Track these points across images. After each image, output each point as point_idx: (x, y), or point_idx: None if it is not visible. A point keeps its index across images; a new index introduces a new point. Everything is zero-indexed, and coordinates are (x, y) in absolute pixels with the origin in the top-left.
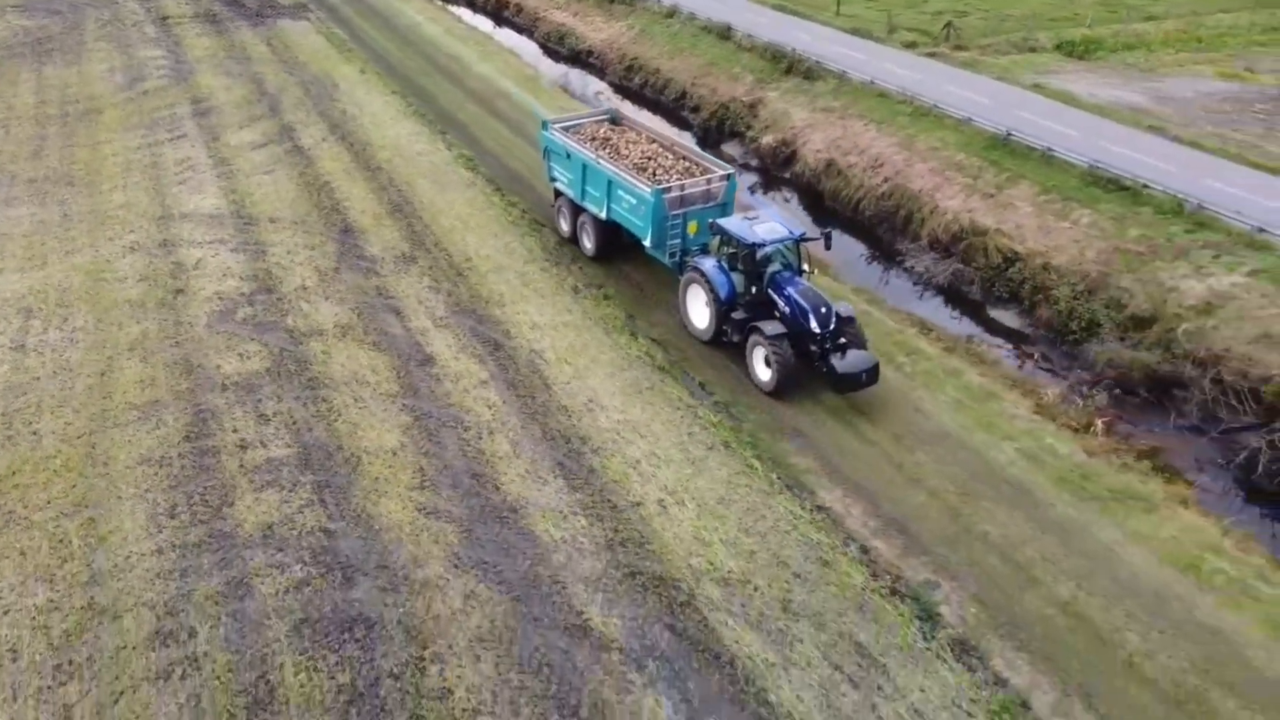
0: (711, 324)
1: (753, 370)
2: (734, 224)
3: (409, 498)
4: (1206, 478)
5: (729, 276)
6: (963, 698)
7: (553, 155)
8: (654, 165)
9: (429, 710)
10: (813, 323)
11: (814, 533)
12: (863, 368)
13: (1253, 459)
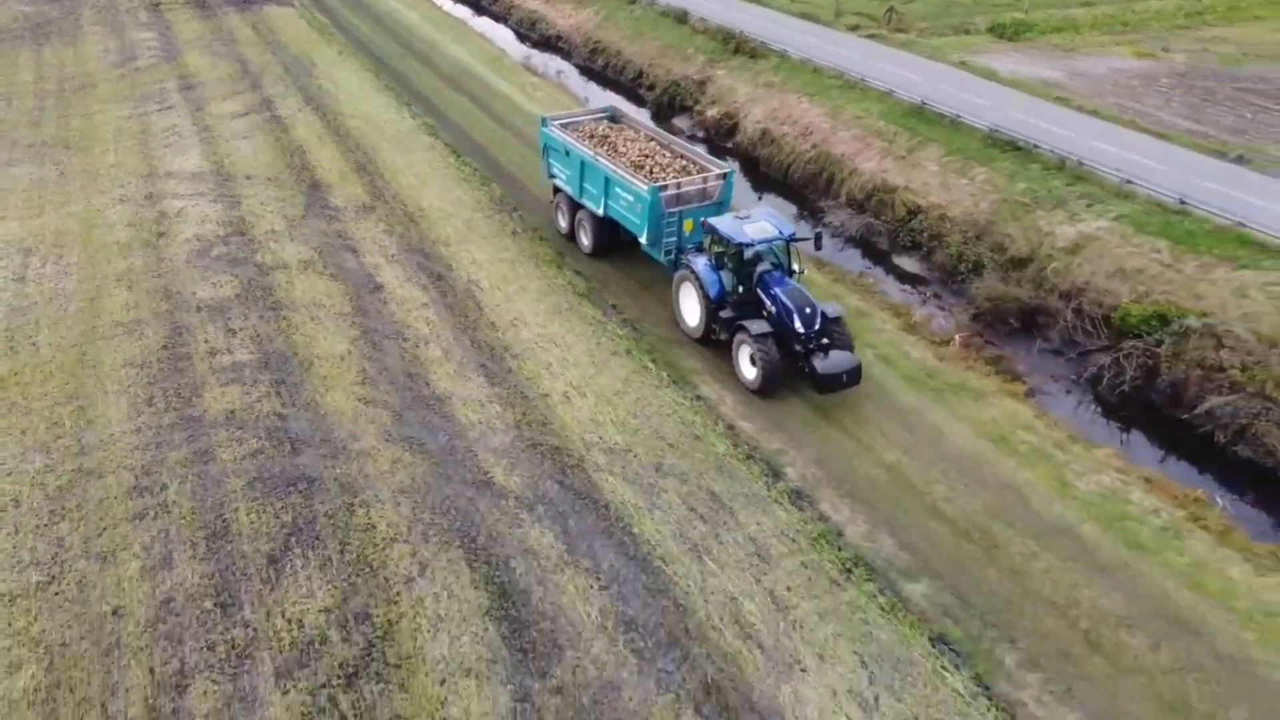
0: (701, 322)
1: (738, 368)
2: (724, 223)
3: (352, 391)
4: (1051, 386)
5: (719, 275)
6: (791, 530)
7: (551, 152)
8: (651, 163)
9: (354, 539)
10: (797, 323)
11: (690, 415)
12: (844, 368)
13: (1098, 375)
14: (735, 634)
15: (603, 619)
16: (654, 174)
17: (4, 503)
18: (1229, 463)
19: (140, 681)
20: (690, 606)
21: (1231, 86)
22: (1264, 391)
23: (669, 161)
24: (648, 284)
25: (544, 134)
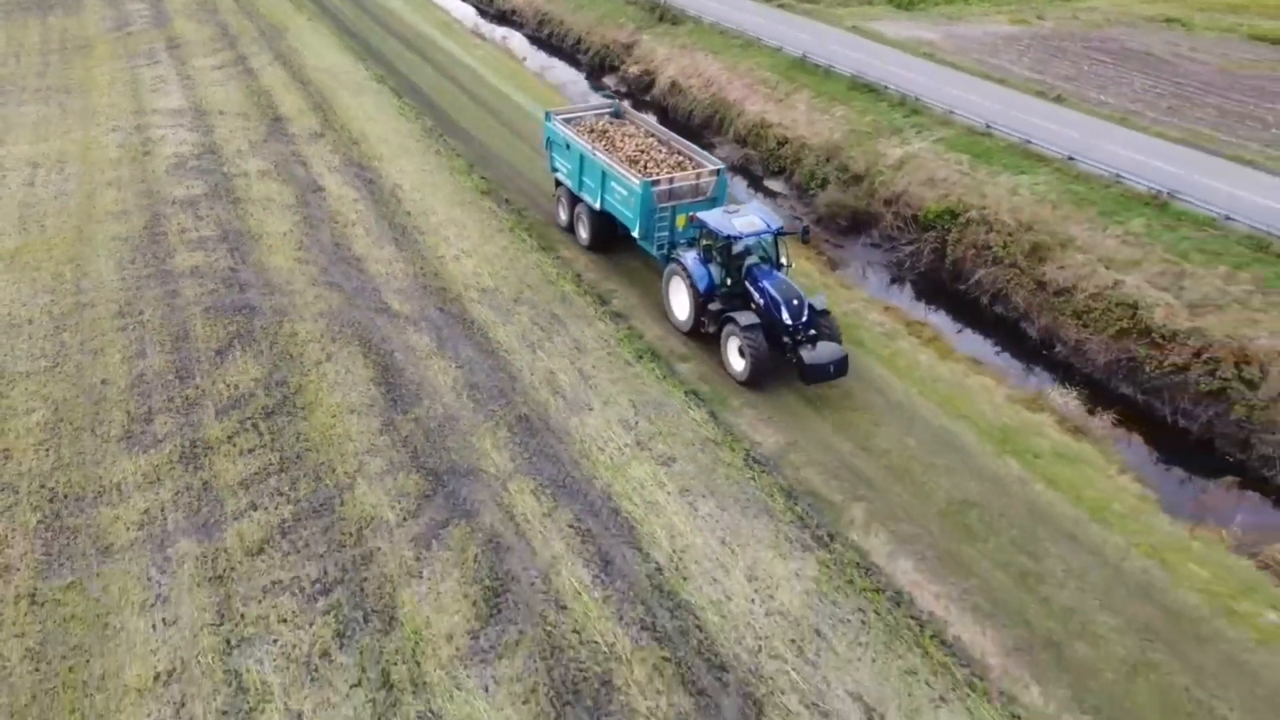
0: (690, 315)
1: (727, 360)
2: (713, 217)
3: (290, 255)
4: (869, 270)
5: (708, 269)
6: (606, 335)
7: (554, 146)
8: (646, 159)
9: (281, 340)
10: (785, 315)
11: (550, 269)
12: (831, 359)
13: (903, 260)
14: (548, 391)
15: (454, 384)
16: (648, 169)
17: (21, 323)
18: (988, 319)
19: (119, 419)
20: (519, 377)
21: (1082, 45)
22: (1015, 263)
23: (664, 158)
24: (540, 187)
25: (547, 128)
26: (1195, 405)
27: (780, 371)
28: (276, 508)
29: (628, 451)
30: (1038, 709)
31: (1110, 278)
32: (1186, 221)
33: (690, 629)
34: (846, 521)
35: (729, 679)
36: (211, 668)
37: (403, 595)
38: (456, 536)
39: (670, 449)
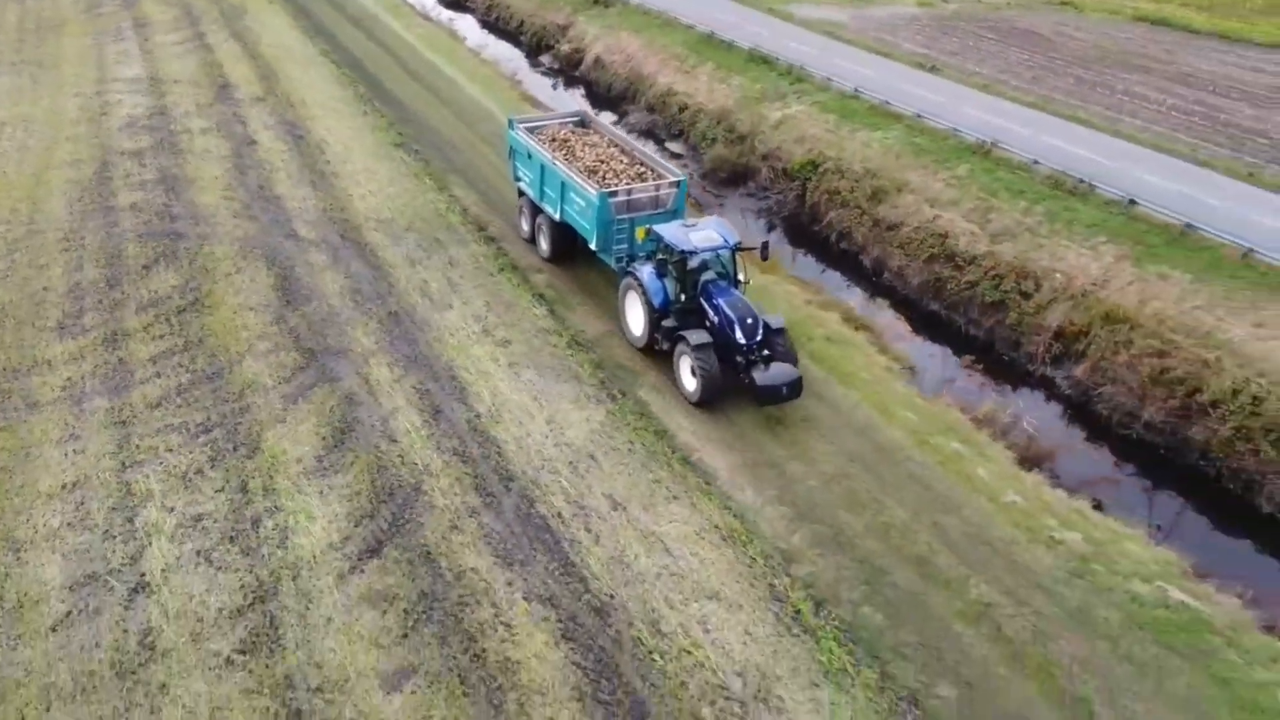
0: (645, 331)
1: (679, 379)
2: (669, 230)
3: (219, 194)
4: (743, 215)
5: (664, 283)
6: (479, 256)
7: (516, 155)
8: (605, 169)
9: (199, 259)
10: (738, 334)
11: (442, 206)
12: (784, 381)
13: (771, 208)
14: (419, 295)
15: (340, 290)
16: (606, 180)
17: None
18: (834, 254)
19: (55, 315)
20: (396, 284)
21: (975, 26)
22: (859, 204)
23: (624, 168)
24: (459, 146)
25: (510, 136)
26: (981, 315)
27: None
28: (176, 376)
29: (474, 337)
30: (747, 503)
31: (931, 214)
32: (1004, 166)
33: (491, 454)
34: (638, 385)
35: (513, 486)
36: (108, 480)
37: (268, 434)
38: (319, 395)
39: (509, 335)
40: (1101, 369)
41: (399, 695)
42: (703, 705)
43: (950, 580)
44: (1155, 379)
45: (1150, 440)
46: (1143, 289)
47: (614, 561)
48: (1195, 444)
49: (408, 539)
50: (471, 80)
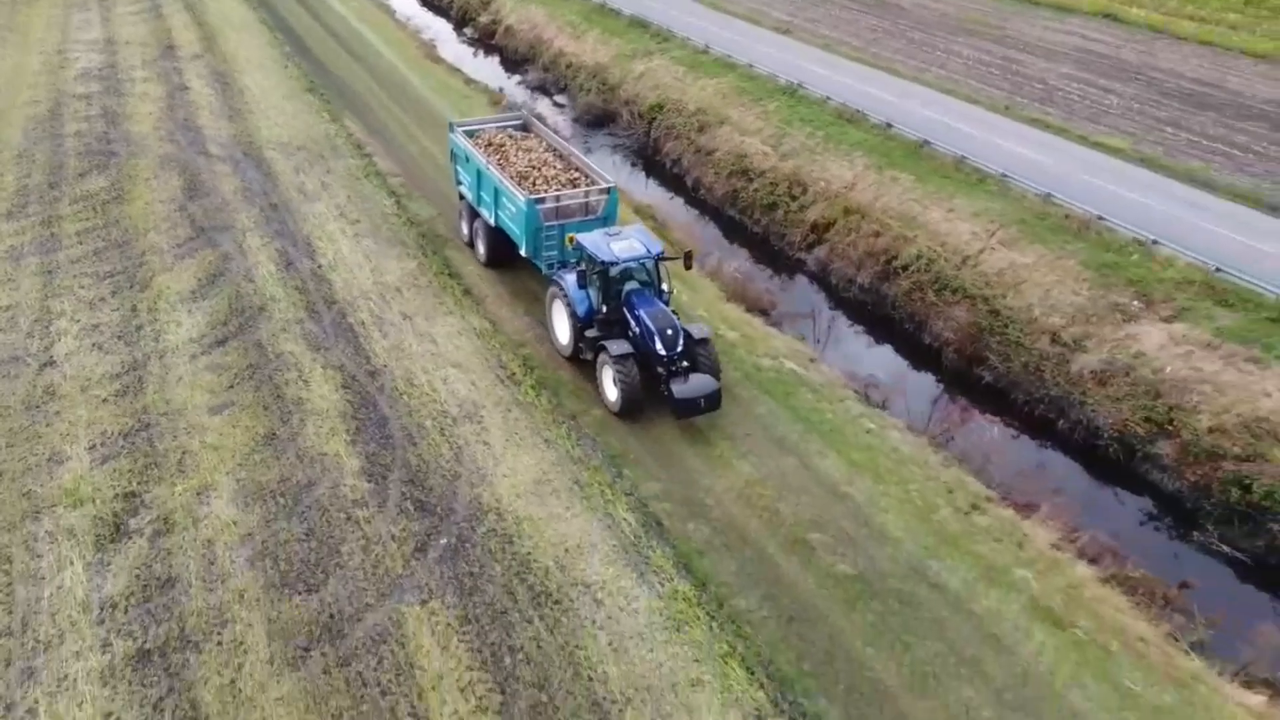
0: (571, 340)
1: (602, 389)
2: (591, 240)
3: (150, 125)
4: (608, 152)
5: (587, 293)
6: (354, 168)
7: (456, 159)
8: (537, 174)
9: (126, 169)
10: (658, 345)
11: (335, 134)
12: (701, 393)
13: (626, 144)
14: (296, 192)
15: (234, 190)
16: (537, 186)
17: None
18: (668, 177)
19: (5, 207)
20: (280, 185)
21: None
22: (688, 136)
23: (557, 174)
24: (360, 92)
25: (450, 140)
26: (761, 215)
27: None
28: (93, 243)
29: (331, 218)
30: (501, 316)
31: (739, 140)
32: (804, 103)
33: (323, 289)
34: (447, 248)
35: (334, 307)
36: (33, 305)
37: (158, 278)
38: (203, 255)
39: (360, 217)
40: (836, 249)
41: (220, 416)
42: (426, 420)
43: None
44: (868, 253)
45: (860, 298)
46: (878, 189)
47: (393, 348)
48: (887, 298)
49: (247, 337)
50: (387, 44)
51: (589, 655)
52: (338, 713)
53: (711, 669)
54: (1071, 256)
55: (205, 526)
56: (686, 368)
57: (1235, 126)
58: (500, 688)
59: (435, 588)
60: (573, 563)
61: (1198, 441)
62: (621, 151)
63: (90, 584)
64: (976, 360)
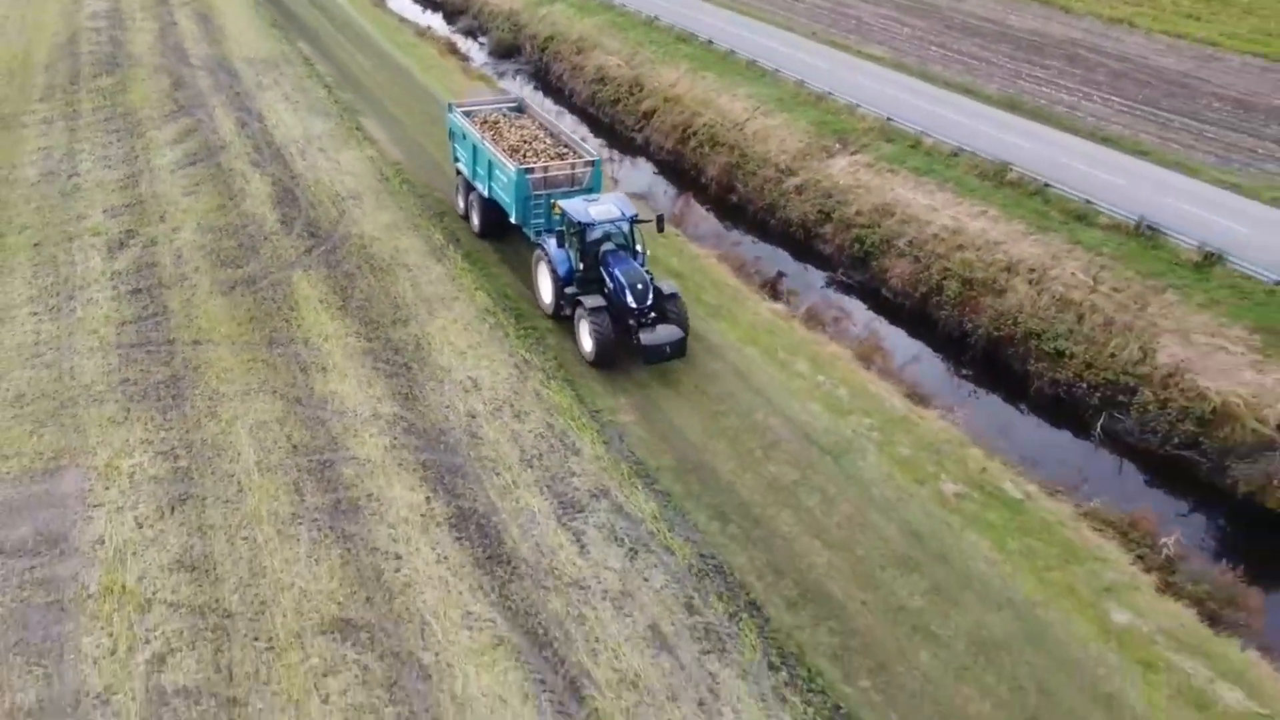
0: (553, 298)
1: (579, 341)
2: (571, 204)
3: (146, 47)
4: (512, 77)
5: (568, 254)
6: (304, 77)
7: (454, 136)
8: (527, 148)
9: (128, 74)
10: (629, 298)
11: (290, 51)
12: (667, 340)
13: (525, 70)
14: (255, 87)
15: (209, 86)
16: (527, 158)
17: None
18: (555, 90)
19: (38, 94)
20: (244, 83)
21: None
22: (570, 59)
23: (546, 148)
24: (316, 29)
25: (449, 119)
26: (610, 107)
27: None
28: (104, 114)
29: (278, 100)
30: (395, 153)
31: (603, 58)
32: (658, 31)
33: (266, 136)
34: (365, 113)
35: (271, 148)
36: (63, 146)
37: (149, 132)
38: (182, 121)
39: (300, 100)
40: (656, 127)
41: (189, 197)
42: (324, 198)
43: None
44: (674, 126)
45: (667, 159)
46: (690, 85)
47: (309, 166)
48: (685, 158)
49: (210, 162)
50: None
51: (399, 291)
52: (247, 311)
53: (463, 292)
54: (804, 119)
55: (176, 242)
56: (655, 319)
57: (989, 48)
58: (343, 302)
59: (313, 266)
60: (401, 256)
61: (843, 220)
62: (523, 75)
63: (105, 265)
64: (730, 189)
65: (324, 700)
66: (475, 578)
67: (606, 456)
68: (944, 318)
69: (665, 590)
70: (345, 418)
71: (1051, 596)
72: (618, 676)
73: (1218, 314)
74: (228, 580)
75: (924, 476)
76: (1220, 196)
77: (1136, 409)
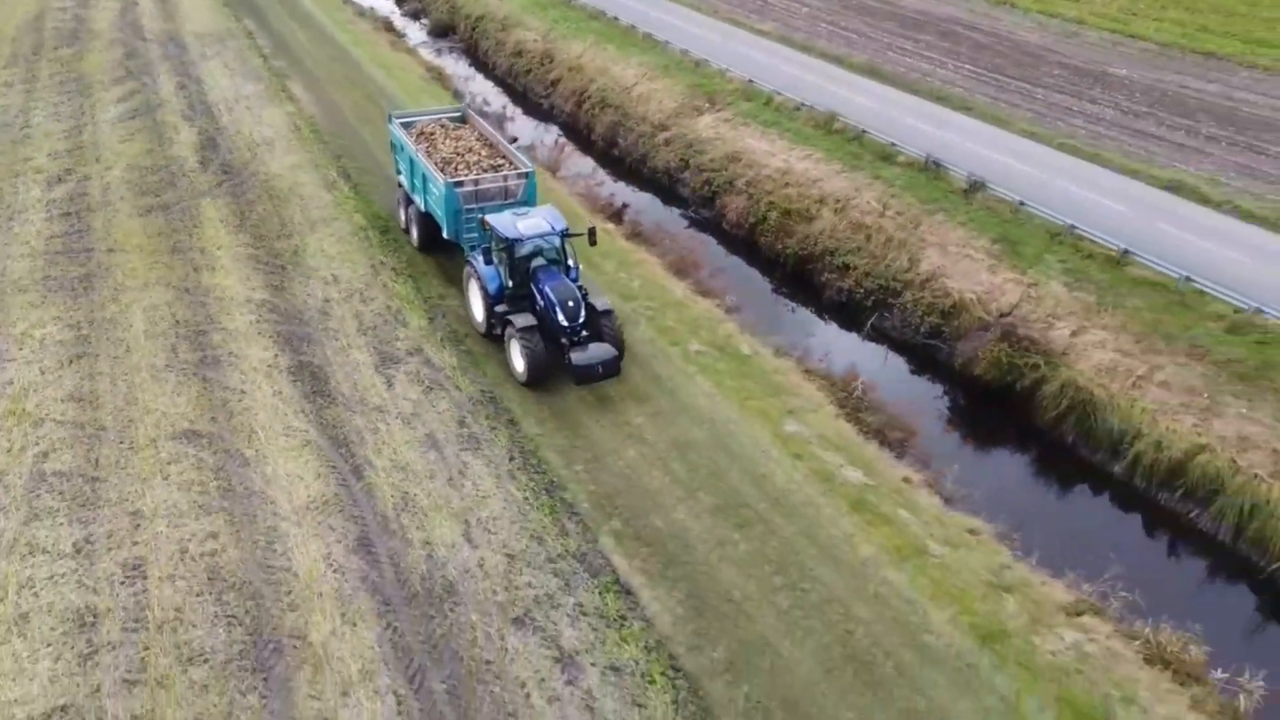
0: (484, 318)
1: (510, 362)
2: (500, 219)
3: (107, 24)
4: (434, 44)
5: (497, 270)
6: (244, 48)
7: (395, 149)
8: (460, 161)
9: (86, 45)
10: (560, 316)
11: (235, 27)
12: (599, 360)
13: (457, 46)
14: (199, 58)
15: (158, 55)
16: (459, 171)
17: None
18: (482, 63)
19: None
20: (190, 54)
21: None
22: (494, 35)
23: (480, 160)
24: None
25: (390, 130)
26: (524, 78)
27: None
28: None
29: (218, 69)
30: (311, 109)
31: (523, 34)
32: (574, 10)
33: (200, 97)
34: (292, 76)
35: (205, 104)
36: (19, 104)
37: (98, 93)
38: (129, 84)
39: (236, 68)
40: (559, 94)
41: (124, 144)
42: (242, 145)
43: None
44: (574, 91)
45: (566, 121)
46: (593, 56)
47: (234, 119)
48: (580, 118)
49: (148, 117)
50: None
51: (289, 214)
52: (158, 228)
53: (344, 214)
54: (683, 83)
55: (106, 178)
56: (587, 337)
57: (875, 25)
58: (240, 221)
59: (221, 195)
60: (298, 188)
61: (699, 166)
62: (456, 51)
63: (43, 195)
64: (613, 144)
65: (165, 479)
66: (300, 405)
67: (428, 328)
68: (766, 243)
69: (447, 413)
70: (223, 302)
71: (746, 416)
72: (393, 464)
73: (971, 230)
74: (106, 407)
75: (678, 340)
76: (1016, 143)
77: (899, 308)
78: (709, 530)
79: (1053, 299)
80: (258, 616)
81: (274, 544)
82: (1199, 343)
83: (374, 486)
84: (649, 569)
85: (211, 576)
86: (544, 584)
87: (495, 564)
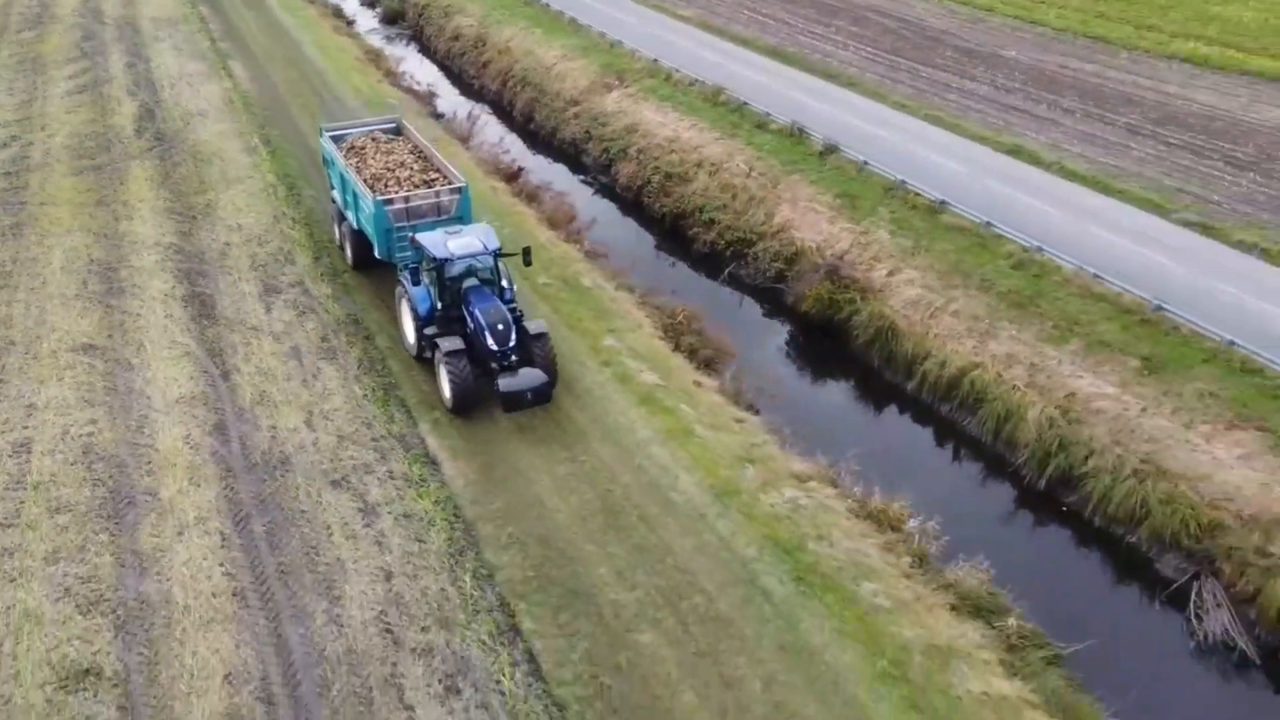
0: (415, 339)
1: (440, 387)
2: (430, 238)
3: (71, 11)
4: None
5: (427, 291)
6: (195, 29)
7: (326, 164)
8: (391, 176)
9: (48, 28)
10: (489, 340)
11: (190, 14)
12: (528, 386)
13: (408, 32)
14: (152, 40)
15: (113, 37)
16: (390, 187)
17: None
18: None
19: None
20: (144, 36)
21: None
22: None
23: (411, 175)
24: None
25: (322, 144)
26: (459, 60)
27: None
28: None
29: (167, 50)
30: (244, 82)
31: (461, 20)
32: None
33: (146, 74)
34: (232, 60)
35: (149, 81)
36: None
37: (52, 71)
38: (82, 63)
39: (184, 49)
40: (489, 74)
41: (70, 115)
42: (177, 116)
43: (311, 89)
44: (500, 72)
45: (494, 99)
46: (523, 40)
47: (174, 94)
48: (504, 96)
49: (95, 91)
50: None
51: (209, 174)
52: (88, 186)
53: (258, 174)
54: (597, 63)
55: (48, 145)
56: (518, 362)
57: (794, 12)
58: (163, 180)
59: (151, 159)
60: (221, 153)
61: (600, 136)
62: (404, 38)
63: None
64: (530, 119)
65: (59, 381)
66: (186, 324)
67: (314, 266)
68: (649, 203)
69: (313, 331)
70: (135, 245)
71: (571, 335)
72: (256, 370)
73: (821, 188)
74: (18, 326)
75: (530, 275)
76: (886, 114)
77: (752, 257)
78: (515, 418)
79: (878, 244)
80: (119, 480)
81: (143, 428)
82: (988, 277)
83: (237, 386)
84: (455, 446)
85: (85, 451)
86: (364, 457)
87: (327, 443)
